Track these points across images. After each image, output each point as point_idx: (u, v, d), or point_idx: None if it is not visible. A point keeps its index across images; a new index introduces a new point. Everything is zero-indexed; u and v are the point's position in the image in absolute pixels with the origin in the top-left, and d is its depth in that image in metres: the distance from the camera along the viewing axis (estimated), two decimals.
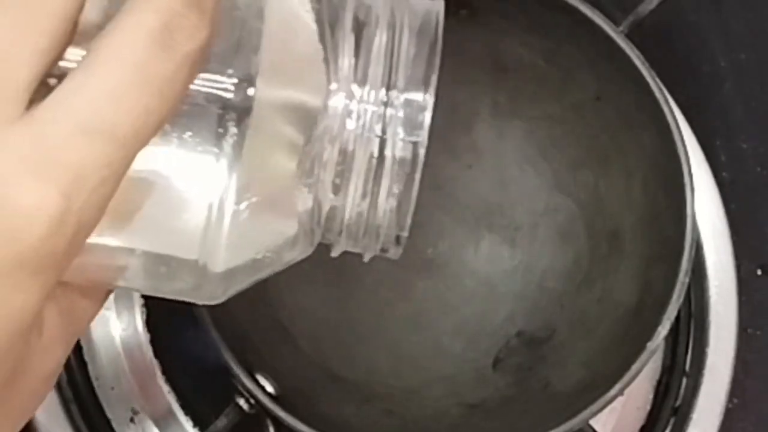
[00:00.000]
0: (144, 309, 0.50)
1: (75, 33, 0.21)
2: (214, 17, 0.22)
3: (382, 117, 0.24)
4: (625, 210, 0.48)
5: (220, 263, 0.24)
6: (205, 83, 0.22)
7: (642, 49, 0.45)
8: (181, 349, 0.50)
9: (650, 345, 0.42)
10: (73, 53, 0.21)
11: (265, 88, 0.22)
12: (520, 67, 0.50)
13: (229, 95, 0.22)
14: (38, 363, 0.24)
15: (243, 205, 0.23)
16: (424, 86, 0.25)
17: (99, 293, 0.27)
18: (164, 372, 0.49)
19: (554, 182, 0.52)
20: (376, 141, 0.24)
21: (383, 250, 0.27)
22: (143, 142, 0.21)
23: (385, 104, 0.24)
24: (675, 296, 0.43)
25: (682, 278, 0.43)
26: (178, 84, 0.21)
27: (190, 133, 0.22)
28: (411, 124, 0.25)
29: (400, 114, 0.24)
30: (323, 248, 0.27)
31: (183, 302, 0.28)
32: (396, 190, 0.25)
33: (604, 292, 0.48)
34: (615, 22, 0.46)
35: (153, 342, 0.50)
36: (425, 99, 0.25)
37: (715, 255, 0.52)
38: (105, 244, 0.23)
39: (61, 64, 0.21)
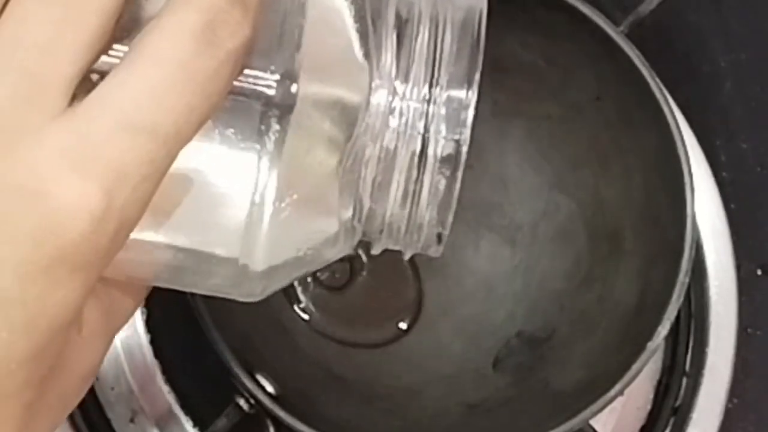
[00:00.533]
0: (144, 309, 0.50)
1: (118, 29, 0.21)
2: (256, 14, 0.22)
3: (425, 114, 0.24)
4: (625, 210, 0.48)
5: (260, 261, 0.24)
6: (248, 80, 0.22)
7: (642, 49, 0.45)
8: (181, 349, 0.50)
9: (650, 345, 0.42)
10: (117, 50, 0.21)
11: (307, 85, 0.22)
12: (520, 67, 0.50)
13: (272, 92, 0.22)
14: (77, 359, 0.24)
15: (284, 203, 0.23)
16: (467, 83, 0.25)
17: (139, 290, 0.27)
18: (164, 372, 0.49)
19: (554, 182, 0.52)
20: (419, 139, 0.24)
21: (424, 248, 0.26)
22: (186, 140, 0.21)
23: (428, 101, 0.24)
24: (675, 296, 0.43)
25: (682, 278, 0.43)
26: (221, 81, 0.21)
27: (232, 130, 0.22)
28: (454, 122, 0.24)
29: (443, 111, 0.24)
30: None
31: (183, 302, 0.28)
32: (438, 189, 0.25)
33: (604, 292, 0.48)
34: (615, 22, 0.46)
35: (153, 342, 0.50)
36: (468, 96, 0.24)
37: (715, 255, 0.52)
38: (146, 240, 0.23)
39: (105, 60, 0.21)
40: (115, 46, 0.21)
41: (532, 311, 0.51)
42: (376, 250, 0.27)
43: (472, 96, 0.25)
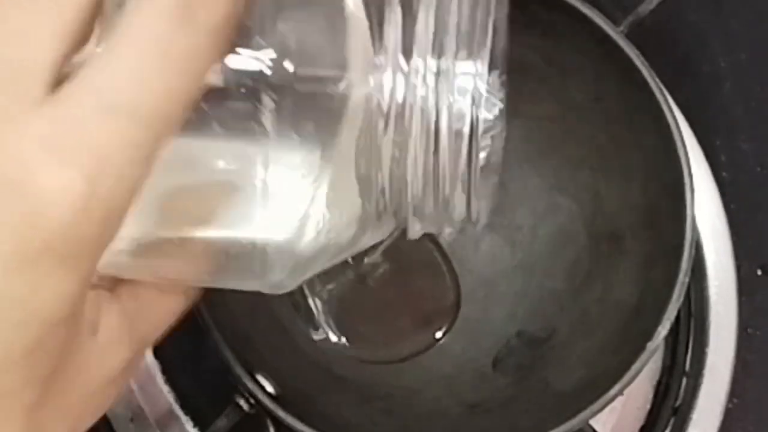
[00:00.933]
0: None
1: (100, 15, 0.21)
2: None
3: (434, 87, 0.23)
4: (625, 210, 0.48)
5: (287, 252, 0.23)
6: (240, 59, 0.21)
7: (642, 49, 0.45)
8: (181, 349, 0.50)
9: (650, 345, 0.42)
10: (99, 36, 0.21)
11: (306, 62, 0.22)
12: (520, 67, 0.49)
13: (267, 70, 0.21)
14: (95, 363, 0.24)
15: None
16: (477, 53, 0.24)
17: (175, 297, 0.26)
18: (164, 372, 0.49)
19: (554, 182, 0.52)
20: (430, 112, 0.23)
21: (456, 224, 0.25)
22: (171, 122, 0.20)
23: (437, 74, 0.23)
24: (675, 296, 0.43)
25: (682, 278, 0.43)
26: (203, 60, 0.20)
27: (229, 113, 0.22)
28: (465, 94, 0.23)
29: (453, 83, 0.23)
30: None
31: None
32: (458, 162, 0.24)
33: (604, 292, 0.48)
34: (615, 22, 0.46)
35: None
36: (477, 66, 0.24)
37: (715, 255, 0.52)
38: (168, 237, 0.23)
39: (87, 47, 0.21)
40: (99, 32, 0.21)
41: (532, 311, 0.51)
42: (412, 234, 0.26)
43: (482, 66, 0.24)
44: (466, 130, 0.23)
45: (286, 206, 0.22)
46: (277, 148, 0.22)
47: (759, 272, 0.54)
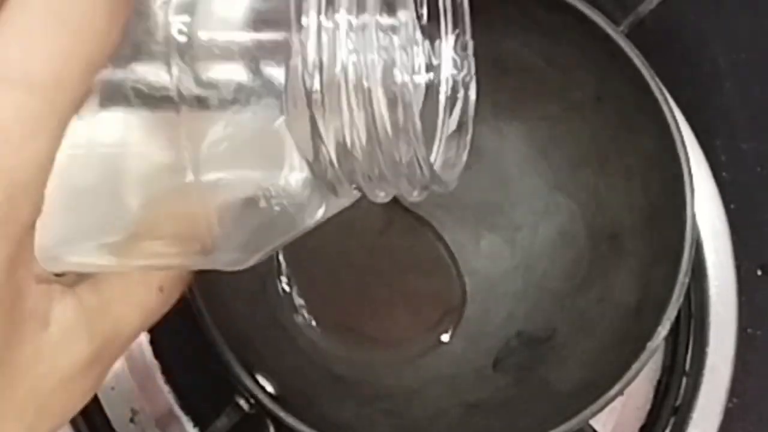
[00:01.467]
0: None
1: None
2: None
3: (361, 43, 0.21)
4: (625, 210, 0.48)
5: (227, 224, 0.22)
6: (145, 23, 0.20)
7: (642, 49, 0.45)
8: (181, 349, 0.50)
9: (650, 345, 0.42)
10: None
11: (222, 28, 0.20)
12: (520, 67, 0.50)
13: (179, 36, 0.20)
14: (48, 358, 0.23)
15: (221, 156, 0.21)
16: (402, 5, 0.22)
17: (144, 292, 0.26)
18: (164, 372, 0.49)
19: (554, 182, 0.52)
20: (360, 71, 0.21)
21: (423, 185, 0.23)
22: (71, 89, 0.19)
23: (362, 29, 0.21)
24: (675, 296, 0.43)
25: (682, 278, 0.43)
26: (100, 20, 0.19)
27: (141, 84, 0.20)
28: (392, 49, 0.22)
29: (380, 37, 0.21)
30: (322, 249, 0.26)
31: (183, 302, 0.28)
32: (397, 114, 0.22)
33: (604, 292, 0.48)
34: (615, 22, 0.46)
35: (153, 342, 0.50)
36: (404, 18, 0.22)
37: (715, 255, 0.52)
38: (115, 229, 0.22)
39: None
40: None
41: (532, 311, 0.51)
42: (373, 198, 0.24)
43: (407, 15, 0.22)
44: (399, 84, 0.21)
45: (227, 177, 0.21)
46: (200, 116, 0.21)
47: (759, 272, 0.54)
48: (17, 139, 0.19)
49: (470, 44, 0.23)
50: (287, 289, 0.48)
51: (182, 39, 0.20)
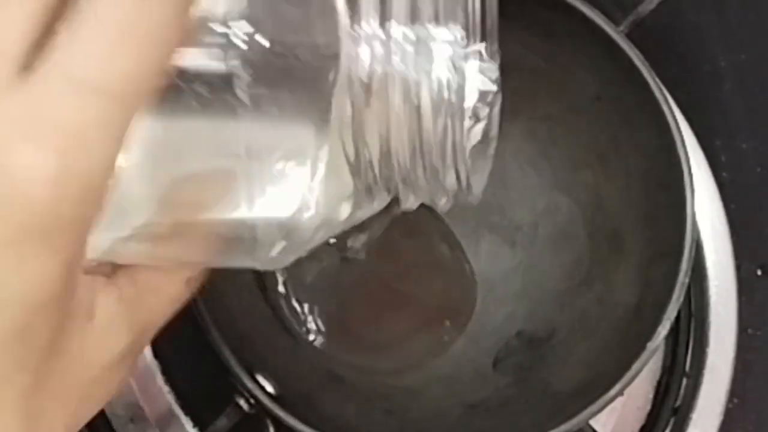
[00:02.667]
0: None
1: None
2: None
3: (413, 55, 0.23)
4: (625, 210, 0.48)
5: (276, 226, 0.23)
6: (213, 33, 0.21)
7: (642, 49, 0.45)
8: (181, 349, 0.50)
9: (650, 345, 0.42)
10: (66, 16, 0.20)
11: (281, 35, 0.21)
12: (520, 67, 0.50)
13: (242, 45, 0.21)
14: (93, 348, 0.24)
15: (278, 165, 0.22)
16: (453, 18, 0.23)
17: (177, 282, 0.26)
18: (164, 372, 0.49)
19: (554, 182, 0.52)
20: (410, 81, 0.23)
21: (454, 194, 0.25)
22: (140, 96, 0.20)
23: (415, 42, 0.23)
24: (675, 296, 0.43)
25: (682, 278, 0.43)
26: (169, 31, 0.20)
27: (206, 90, 0.21)
28: (444, 62, 0.23)
29: (433, 50, 0.23)
30: (322, 250, 0.26)
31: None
32: (442, 130, 0.23)
33: (604, 292, 0.48)
34: (615, 22, 0.46)
35: (153, 342, 0.50)
36: (454, 32, 0.23)
37: (715, 255, 0.52)
38: (164, 223, 0.23)
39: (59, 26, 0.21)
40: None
41: (532, 311, 0.51)
42: (405, 205, 0.25)
43: (458, 31, 0.23)
44: (448, 98, 0.23)
45: (283, 186, 0.22)
46: (263, 126, 0.21)
47: (759, 272, 0.54)
48: (92, 143, 0.20)
49: (498, 55, 0.24)
50: (287, 289, 0.48)
51: (241, 45, 0.21)
